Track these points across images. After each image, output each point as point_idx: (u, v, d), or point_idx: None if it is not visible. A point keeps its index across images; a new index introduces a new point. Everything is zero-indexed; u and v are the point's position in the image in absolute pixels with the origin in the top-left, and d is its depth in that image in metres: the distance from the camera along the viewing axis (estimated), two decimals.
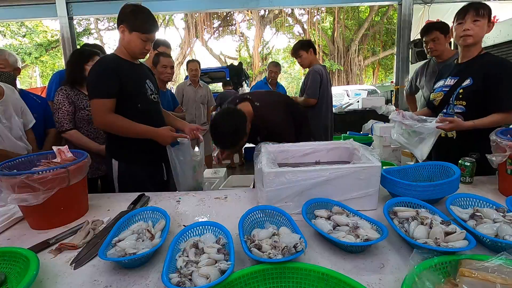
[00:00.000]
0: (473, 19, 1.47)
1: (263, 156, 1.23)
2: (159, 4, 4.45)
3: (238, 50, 17.34)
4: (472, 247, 0.78)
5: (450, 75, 1.65)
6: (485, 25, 1.49)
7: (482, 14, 1.46)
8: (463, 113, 1.56)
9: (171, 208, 1.26)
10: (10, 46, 13.10)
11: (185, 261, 0.78)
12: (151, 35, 1.55)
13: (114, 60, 1.55)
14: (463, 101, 1.56)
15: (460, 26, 1.51)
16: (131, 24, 1.50)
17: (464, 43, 1.53)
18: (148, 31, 1.53)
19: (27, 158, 1.25)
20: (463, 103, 1.56)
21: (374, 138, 4.68)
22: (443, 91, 1.65)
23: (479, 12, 1.46)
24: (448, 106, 1.64)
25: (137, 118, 1.56)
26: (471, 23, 1.47)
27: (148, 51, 1.60)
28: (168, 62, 2.65)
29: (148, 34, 1.53)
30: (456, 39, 1.57)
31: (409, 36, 4.44)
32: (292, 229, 0.92)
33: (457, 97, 1.58)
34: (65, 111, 1.90)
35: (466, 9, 1.49)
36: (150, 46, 1.59)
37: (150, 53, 2.87)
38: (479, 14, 1.46)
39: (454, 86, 1.59)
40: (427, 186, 1.12)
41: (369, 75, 17.66)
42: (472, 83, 1.53)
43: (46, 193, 1.03)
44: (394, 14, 11.75)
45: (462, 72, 1.59)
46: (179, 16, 14.20)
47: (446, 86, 1.65)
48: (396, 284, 0.75)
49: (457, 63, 1.67)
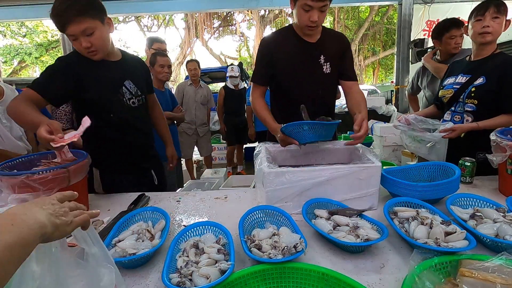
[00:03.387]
0: (493, 15, 1.43)
1: (263, 156, 1.23)
2: (159, 4, 4.45)
3: (238, 50, 17.34)
4: (472, 247, 0.78)
5: (462, 72, 1.61)
6: (503, 23, 1.46)
7: (502, 11, 1.43)
8: (473, 112, 1.53)
9: (171, 208, 1.26)
10: (10, 46, 13.11)
11: (185, 261, 0.78)
12: (69, 30, 1.17)
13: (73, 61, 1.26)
14: (474, 100, 1.52)
15: (479, 23, 1.46)
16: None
17: (483, 40, 1.48)
18: (62, 28, 1.17)
19: (27, 158, 1.25)
20: (474, 102, 1.52)
21: (374, 138, 4.69)
22: (454, 88, 1.61)
23: (500, 9, 1.42)
24: (457, 104, 1.60)
25: (112, 130, 1.36)
26: (491, 20, 1.43)
27: (92, 48, 1.22)
28: (165, 61, 2.59)
29: (65, 31, 1.17)
30: (473, 36, 1.53)
31: (409, 36, 4.44)
32: (292, 229, 0.92)
33: (468, 95, 1.54)
34: (62, 111, 1.93)
35: (486, 5, 1.44)
36: (88, 41, 1.19)
37: (146, 52, 2.84)
38: (499, 11, 1.42)
39: (466, 84, 1.55)
40: (428, 186, 1.11)
41: (369, 75, 17.66)
42: (485, 82, 1.49)
43: (46, 193, 1.03)
44: (394, 14, 11.75)
45: (475, 70, 1.55)
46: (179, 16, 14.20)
47: (457, 84, 1.60)
48: (396, 284, 0.75)
49: (469, 60, 1.63)
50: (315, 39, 1.43)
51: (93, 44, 1.21)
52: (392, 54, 13.64)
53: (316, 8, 1.28)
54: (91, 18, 1.17)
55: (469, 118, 1.55)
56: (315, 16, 1.28)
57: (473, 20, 1.50)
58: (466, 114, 1.55)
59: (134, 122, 1.44)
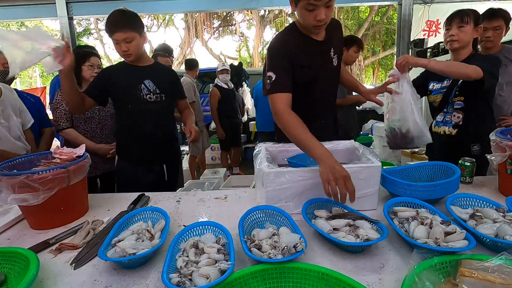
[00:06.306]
0: (459, 25, 1.61)
1: (263, 156, 1.23)
2: (159, 4, 4.44)
3: (238, 50, 17.34)
4: (472, 247, 0.78)
5: (446, 77, 1.72)
6: (471, 30, 1.61)
7: (466, 21, 1.59)
8: (462, 108, 1.67)
9: (171, 208, 1.26)
10: None
11: (185, 261, 0.78)
12: (115, 35, 1.52)
13: (111, 68, 1.70)
14: (461, 97, 1.66)
15: (447, 32, 1.67)
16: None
17: (450, 47, 1.67)
18: (111, 32, 1.53)
19: (27, 158, 1.25)
20: (461, 99, 1.67)
21: (374, 138, 4.70)
22: (442, 93, 1.75)
23: (463, 19, 1.59)
24: (448, 105, 1.73)
25: (128, 118, 1.65)
26: (457, 29, 1.62)
27: (128, 52, 1.56)
28: (165, 62, 2.77)
29: (112, 35, 1.53)
30: (444, 44, 1.73)
31: (409, 36, 4.43)
32: (292, 229, 0.92)
33: (455, 95, 1.68)
34: (62, 110, 1.93)
35: (452, 17, 1.64)
36: (126, 47, 1.54)
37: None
38: (463, 21, 1.60)
39: (451, 87, 1.69)
40: (427, 186, 1.11)
41: (369, 75, 17.65)
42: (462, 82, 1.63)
43: (46, 193, 1.03)
44: (394, 14, 11.75)
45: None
46: (179, 16, 14.22)
47: (444, 88, 1.74)
48: (396, 284, 0.75)
49: None
50: (323, 36, 1.38)
51: (129, 49, 1.55)
52: (392, 54, 13.64)
53: (322, 5, 1.15)
54: (132, 31, 1.53)
55: (459, 115, 1.67)
56: (322, 14, 1.16)
57: (444, 30, 1.71)
58: (456, 112, 1.68)
59: (150, 113, 1.68)
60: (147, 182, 1.68)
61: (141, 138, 1.67)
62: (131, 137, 1.69)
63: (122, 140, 1.72)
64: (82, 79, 1.99)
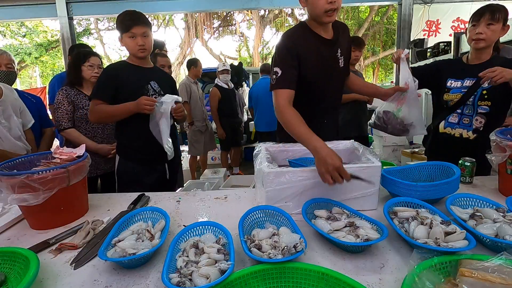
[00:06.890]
0: (488, 22, 1.46)
1: (263, 156, 1.23)
2: (159, 4, 4.45)
3: (238, 50, 17.33)
4: (472, 247, 0.78)
5: (468, 76, 1.61)
6: (499, 29, 1.48)
7: (497, 18, 1.45)
8: (487, 113, 1.57)
9: (171, 208, 1.26)
10: (10, 46, 13.08)
11: (185, 261, 0.78)
12: (134, 29, 1.57)
13: (115, 67, 1.70)
14: (488, 102, 1.56)
15: (474, 28, 1.51)
16: (119, 29, 1.61)
17: (476, 46, 1.53)
18: (129, 26, 1.57)
19: (27, 158, 1.25)
20: (488, 104, 1.56)
21: (374, 138, 4.69)
22: (462, 92, 1.62)
23: (494, 16, 1.45)
24: (465, 106, 1.62)
25: (132, 116, 1.64)
26: (485, 27, 1.47)
27: (144, 46, 1.61)
28: (165, 62, 2.75)
29: (130, 29, 1.57)
30: (468, 41, 1.58)
31: (409, 36, 4.43)
32: (292, 229, 0.92)
33: (480, 98, 1.56)
34: (64, 110, 1.93)
35: (482, 12, 1.47)
36: (143, 41, 1.60)
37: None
38: (494, 18, 1.45)
39: (473, 87, 1.57)
40: (427, 186, 1.12)
41: (369, 75, 17.65)
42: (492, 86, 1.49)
43: (46, 193, 1.03)
44: (394, 14, 11.75)
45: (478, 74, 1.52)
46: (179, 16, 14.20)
47: (465, 87, 1.61)
48: (396, 284, 0.75)
49: (467, 63, 1.64)
50: (331, 35, 1.39)
51: (145, 43, 1.61)
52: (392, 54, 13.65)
53: None
54: (148, 27, 1.62)
55: (482, 120, 1.57)
56: None
57: (469, 26, 1.54)
58: (479, 116, 1.58)
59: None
60: (149, 181, 1.70)
61: (145, 137, 1.67)
62: (135, 136, 1.70)
63: (125, 140, 1.73)
64: (82, 79, 2.00)
